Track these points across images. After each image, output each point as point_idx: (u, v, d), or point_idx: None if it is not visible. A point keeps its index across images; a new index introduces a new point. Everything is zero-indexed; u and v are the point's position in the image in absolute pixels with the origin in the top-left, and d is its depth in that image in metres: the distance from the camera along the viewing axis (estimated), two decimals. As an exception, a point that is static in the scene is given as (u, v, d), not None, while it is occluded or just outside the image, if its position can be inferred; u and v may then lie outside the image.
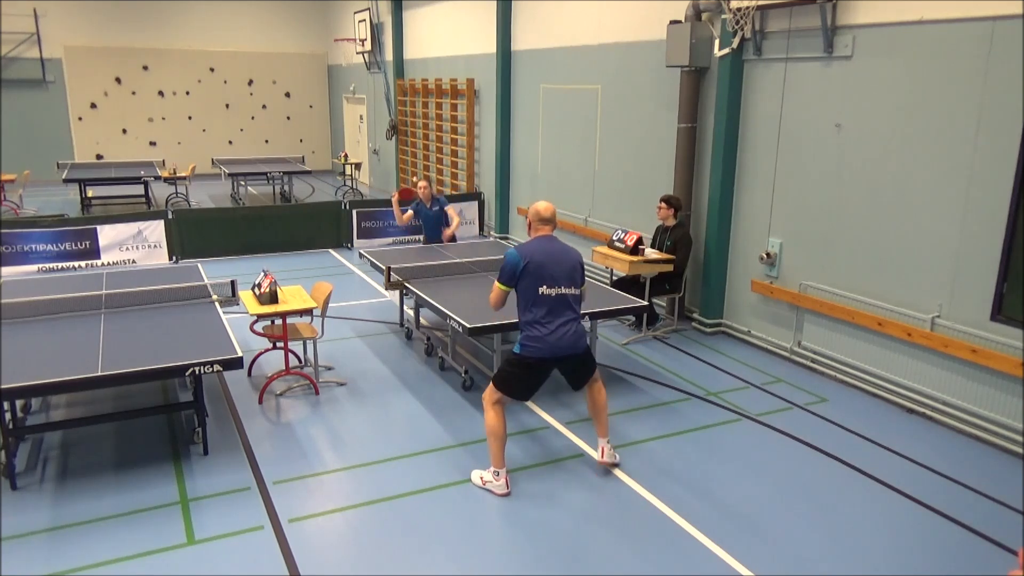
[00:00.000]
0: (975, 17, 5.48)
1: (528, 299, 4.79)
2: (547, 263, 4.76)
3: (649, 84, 8.86)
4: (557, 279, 4.78)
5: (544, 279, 4.75)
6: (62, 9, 18.66)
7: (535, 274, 4.74)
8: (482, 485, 4.97)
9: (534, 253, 4.78)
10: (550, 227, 4.95)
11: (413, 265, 7.48)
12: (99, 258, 10.72)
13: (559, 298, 4.79)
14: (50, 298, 6.06)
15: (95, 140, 19.63)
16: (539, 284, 4.75)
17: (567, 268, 4.82)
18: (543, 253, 4.80)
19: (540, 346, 4.78)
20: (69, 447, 5.50)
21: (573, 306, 4.86)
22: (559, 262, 4.81)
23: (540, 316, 4.77)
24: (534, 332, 4.79)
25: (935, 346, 5.93)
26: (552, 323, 4.77)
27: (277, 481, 5.04)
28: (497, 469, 4.92)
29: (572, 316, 4.85)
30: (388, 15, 16.62)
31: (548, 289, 4.76)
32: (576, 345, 4.86)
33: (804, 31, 6.84)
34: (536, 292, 4.75)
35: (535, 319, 4.79)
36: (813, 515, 4.71)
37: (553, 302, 4.78)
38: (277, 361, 6.93)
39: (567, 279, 4.82)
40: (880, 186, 6.33)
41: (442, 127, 14.73)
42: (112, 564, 4.16)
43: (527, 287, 4.77)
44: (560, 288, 4.79)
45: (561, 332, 4.78)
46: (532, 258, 4.75)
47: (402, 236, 12.64)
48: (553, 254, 4.82)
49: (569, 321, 4.82)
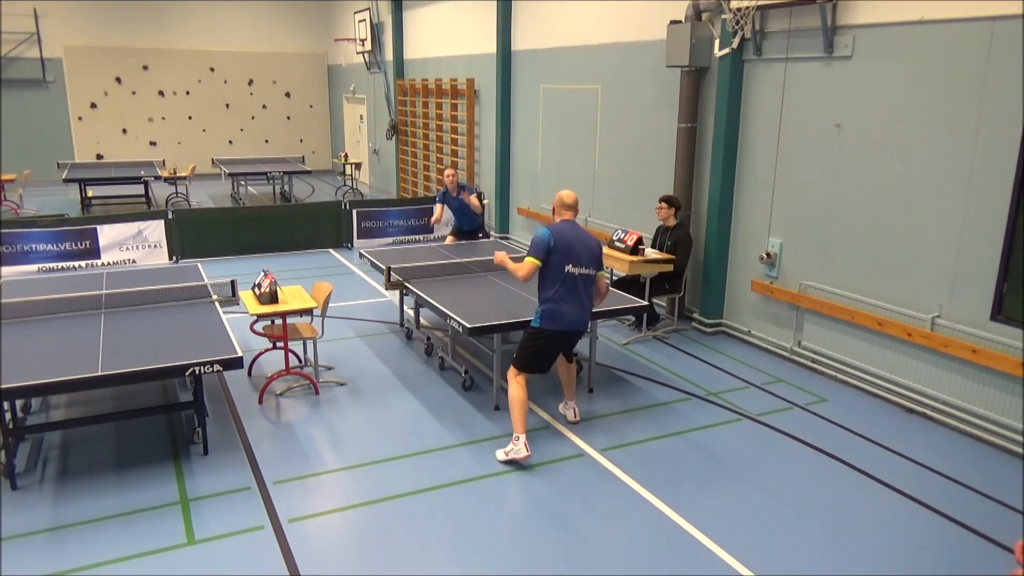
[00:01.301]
0: (975, 17, 5.48)
1: (554, 275, 5.22)
2: (574, 244, 5.20)
3: (649, 84, 8.85)
4: (581, 259, 5.23)
5: (571, 258, 5.19)
6: (62, 9, 18.67)
7: (563, 252, 5.18)
8: (505, 457, 5.27)
9: (563, 233, 5.23)
10: (572, 213, 5.38)
11: (413, 265, 7.48)
12: (99, 258, 10.72)
13: (581, 277, 5.25)
14: (50, 298, 6.06)
15: (95, 140, 19.64)
16: (566, 262, 5.19)
17: (589, 251, 5.28)
18: (571, 234, 5.24)
19: (559, 320, 5.25)
20: (69, 447, 5.50)
21: (588, 287, 5.33)
22: (583, 244, 5.25)
23: (562, 293, 5.22)
24: (555, 307, 5.24)
25: (935, 346, 5.93)
26: (571, 299, 5.24)
27: (277, 481, 5.04)
28: (518, 434, 5.24)
29: (586, 295, 5.33)
30: (388, 15, 16.63)
31: (573, 268, 5.21)
32: (583, 322, 5.39)
33: (804, 31, 6.84)
34: (562, 269, 5.19)
35: (557, 295, 5.23)
36: (813, 515, 4.71)
37: (575, 280, 5.23)
38: (277, 361, 6.93)
39: (589, 261, 5.28)
40: (880, 186, 6.33)
41: (442, 127, 14.73)
42: (112, 564, 4.16)
43: (555, 264, 5.19)
44: (583, 268, 5.24)
45: (577, 308, 5.28)
46: (561, 237, 5.20)
47: (402, 236, 12.64)
48: (578, 236, 5.27)
49: (585, 299, 5.32)
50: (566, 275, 5.21)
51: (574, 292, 5.25)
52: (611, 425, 5.93)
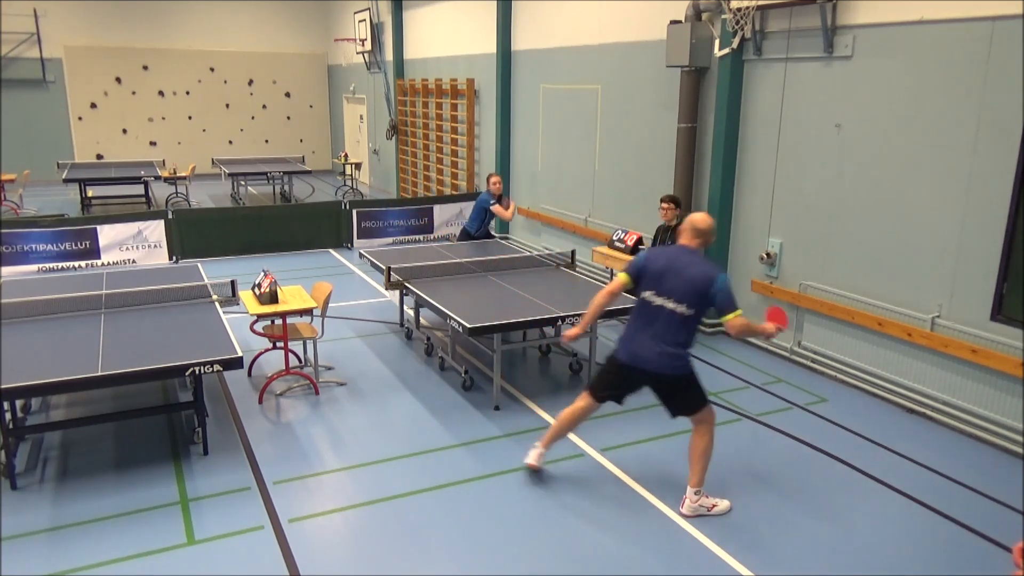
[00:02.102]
0: (975, 17, 5.48)
1: (637, 299, 4.69)
2: (664, 269, 4.52)
3: (649, 84, 8.85)
4: (666, 289, 4.49)
5: (652, 284, 4.55)
6: (62, 9, 18.67)
7: (648, 276, 4.59)
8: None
9: (659, 257, 4.62)
10: (697, 241, 4.61)
11: (413, 265, 7.47)
12: (99, 258, 10.72)
13: (658, 309, 4.51)
14: (50, 298, 6.06)
15: (95, 140, 19.63)
16: (646, 288, 4.59)
17: (684, 282, 4.44)
18: (669, 259, 4.58)
19: (623, 349, 4.67)
20: (69, 447, 5.50)
21: (670, 325, 4.49)
22: (682, 275, 4.46)
23: (635, 318, 4.64)
24: (625, 333, 4.70)
25: (935, 346, 5.93)
26: (642, 331, 4.57)
27: (277, 481, 5.04)
28: (540, 444, 5.07)
29: (666, 333, 4.49)
30: (388, 15, 16.62)
31: (653, 296, 4.54)
32: (654, 363, 4.52)
33: (804, 31, 6.84)
34: (641, 294, 4.63)
35: (632, 320, 4.69)
36: (813, 515, 4.71)
37: (652, 311, 4.54)
38: (277, 361, 6.93)
39: (679, 294, 4.45)
40: (880, 186, 6.33)
41: (442, 127, 14.73)
42: (112, 564, 4.16)
43: (641, 287, 4.64)
44: (664, 300, 4.49)
45: (644, 342, 4.55)
46: (655, 260, 4.60)
47: (402, 236, 12.64)
48: (680, 265, 4.50)
49: (657, 337, 4.51)
50: (642, 300, 4.59)
51: (649, 325, 4.53)
52: (611, 425, 5.93)
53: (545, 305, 6.32)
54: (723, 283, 4.43)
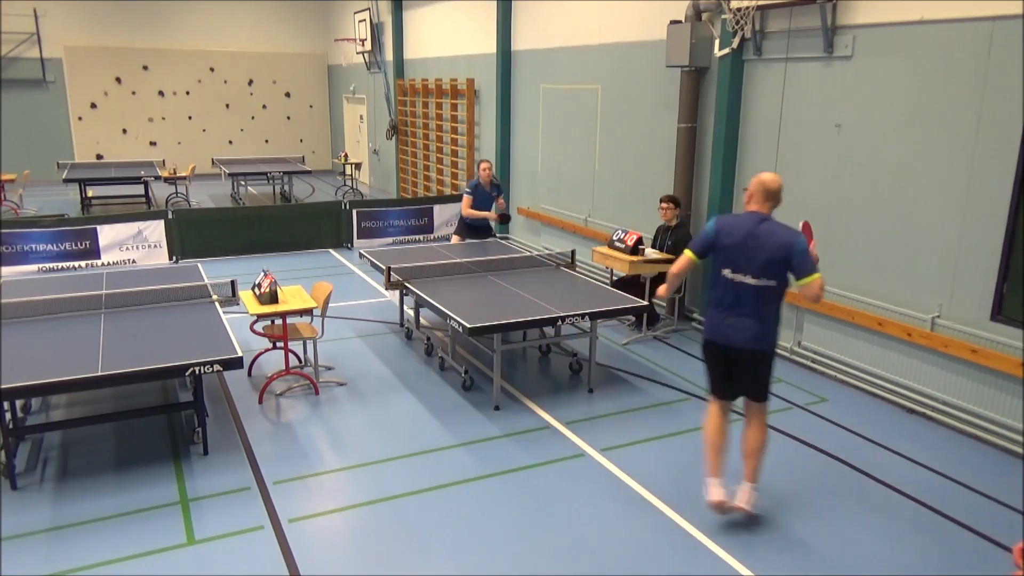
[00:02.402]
0: (975, 17, 5.48)
1: (712, 277, 4.41)
2: (740, 244, 4.22)
3: (649, 84, 8.85)
4: (743, 265, 4.22)
5: (728, 260, 4.27)
6: (62, 9, 18.67)
7: (722, 251, 4.28)
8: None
9: (730, 227, 4.28)
10: (769, 203, 4.29)
11: (413, 265, 7.47)
12: (99, 258, 10.72)
13: (740, 286, 4.25)
14: (50, 298, 6.06)
15: (95, 140, 19.63)
16: (723, 265, 4.29)
17: (763, 255, 4.18)
18: (740, 230, 4.24)
19: (712, 329, 4.44)
20: (69, 447, 5.50)
21: (756, 300, 4.25)
22: (756, 246, 4.19)
23: (717, 298, 4.39)
24: (710, 312, 4.45)
25: (935, 346, 5.93)
26: (729, 309, 4.33)
27: (277, 481, 5.04)
28: (708, 479, 4.54)
29: (750, 310, 4.26)
30: (388, 15, 16.62)
31: (731, 273, 4.27)
32: (745, 339, 4.30)
33: (804, 31, 6.84)
34: (718, 272, 4.33)
35: (713, 300, 4.42)
36: (813, 515, 4.71)
37: (733, 288, 4.28)
38: (277, 361, 6.93)
39: (759, 268, 4.19)
40: (880, 186, 6.33)
41: (442, 127, 14.72)
42: (112, 564, 4.16)
43: (714, 263, 4.36)
44: (744, 276, 4.23)
45: (731, 320, 4.33)
46: (726, 232, 4.28)
47: (402, 236, 12.64)
48: (753, 234, 4.21)
49: (744, 314, 4.28)
50: (720, 279, 4.32)
51: (735, 301, 4.30)
52: (611, 425, 5.93)
53: (545, 305, 6.33)
54: (802, 246, 4.18)
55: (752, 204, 4.35)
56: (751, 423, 4.55)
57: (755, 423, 4.53)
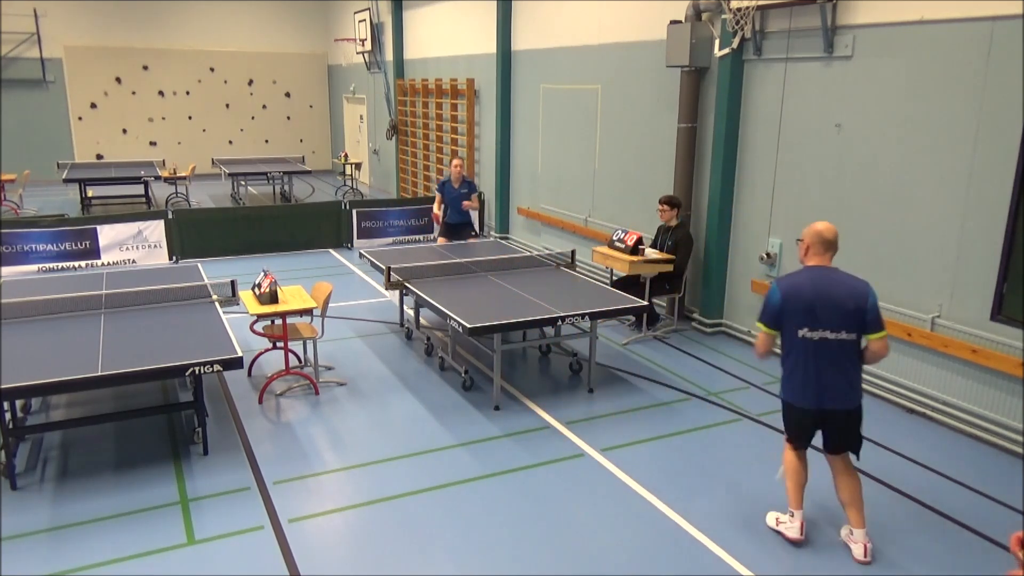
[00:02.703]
0: (975, 17, 5.48)
1: (786, 341, 4.19)
2: (812, 302, 4.05)
3: (649, 84, 8.85)
4: (821, 321, 4.05)
5: (803, 321, 4.08)
6: (62, 9, 18.67)
7: (795, 314, 4.09)
8: (775, 526, 4.52)
9: (797, 289, 4.10)
10: (829, 255, 4.16)
11: (413, 265, 7.47)
12: (99, 258, 10.73)
13: (821, 343, 4.07)
14: (50, 298, 6.06)
15: (95, 140, 19.63)
16: (798, 326, 4.09)
17: (838, 308, 4.02)
18: (807, 289, 4.07)
19: (801, 394, 4.20)
20: (69, 447, 5.50)
21: (840, 355, 4.09)
22: (830, 300, 4.03)
23: (802, 359, 4.14)
24: (791, 378, 4.23)
25: (935, 346, 5.93)
26: (810, 370, 4.12)
27: (277, 481, 5.04)
28: (792, 510, 4.42)
29: (836, 368, 4.10)
30: (388, 15, 16.62)
31: (809, 332, 4.08)
32: (838, 400, 4.15)
33: (804, 31, 6.84)
34: (795, 334, 4.12)
35: (791, 364, 4.19)
36: (813, 515, 4.71)
37: (815, 347, 4.08)
38: (277, 361, 6.93)
39: (837, 321, 4.04)
40: (880, 186, 6.33)
41: (442, 127, 14.73)
42: (112, 564, 4.16)
43: (787, 327, 4.15)
44: (824, 332, 4.05)
45: (824, 383, 4.12)
46: (794, 295, 4.09)
47: (402, 236, 12.64)
48: (824, 290, 4.05)
49: (836, 371, 4.10)
50: (803, 341, 4.09)
51: (818, 361, 4.09)
52: (611, 425, 5.93)
53: (545, 305, 6.33)
54: (874, 298, 4.07)
55: (812, 258, 4.18)
56: (845, 470, 4.36)
57: (848, 469, 4.36)
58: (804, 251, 4.22)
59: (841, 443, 4.30)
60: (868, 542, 4.29)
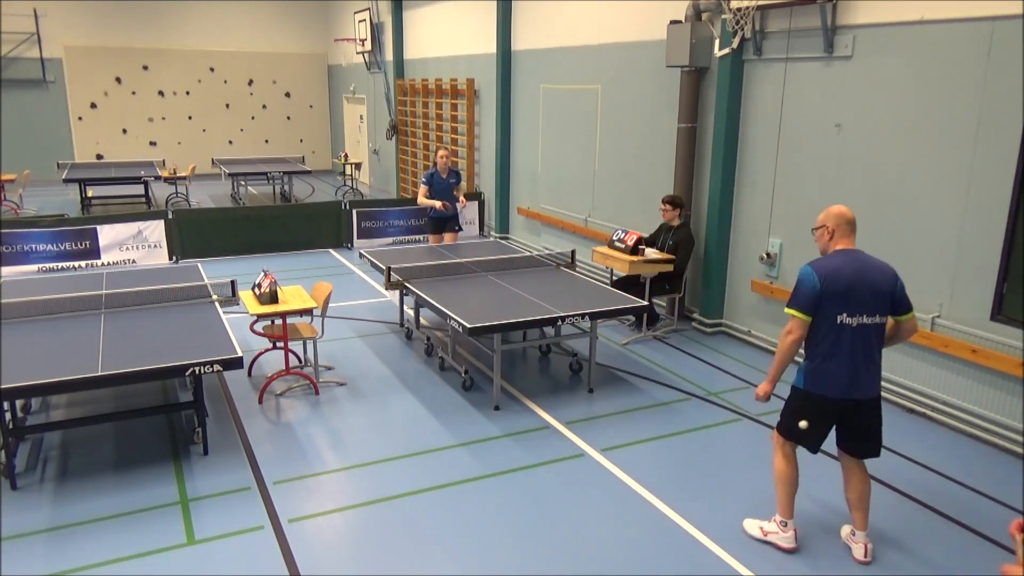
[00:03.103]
0: (975, 17, 5.48)
1: (824, 327, 4.00)
2: (851, 284, 3.93)
3: (649, 84, 8.85)
4: (862, 305, 3.95)
5: (843, 305, 3.94)
6: (62, 9, 18.66)
7: (835, 297, 3.94)
8: (762, 536, 4.39)
9: (837, 272, 3.95)
10: (854, 236, 4.08)
11: (413, 265, 7.47)
12: (99, 258, 10.72)
13: (860, 330, 3.97)
14: (50, 298, 6.06)
15: (95, 140, 19.63)
16: (836, 310, 3.95)
17: (874, 291, 3.95)
18: (848, 272, 3.95)
19: (826, 383, 4.04)
20: (69, 447, 5.50)
21: (876, 340, 4.03)
22: (867, 283, 3.94)
23: (832, 348, 4.00)
24: (822, 366, 4.04)
25: (935, 346, 5.93)
26: (844, 357, 3.99)
27: (277, 481, 5.04)
28: (784, 519, 4.33)
29: (871, 354, 4.02)
30: (388, 15, 16.62)
31: (849, 318, 3.95)
32: (870, 388, 4.06)
33: (804, 31, 6.84)
34: (833, 320, 3.96)
35: (825, 352, 4.02)
36: (813, 515, 4.71)
37: (852, 333, 3.97)
38: (277, 361, 6.93)
39: (875, 305, 3.96)
40: (880, 186, 6.33)
41: (442, 127, 14.72)
42: (112, 564, 4.16)
43: (825, 313, 3.98)
44: (865, 317, 3.96)
45: (859, 368, 4.01)
46: (831, 276, 3.95)
47: (402, 236, 12.64)
48: (860, 272, 3.96)
49: (869, 358, 4.02)
50: (835, 327, 3.96)
51: (856, 348, 3.98)
52: (611, 425, 5.93)
53: (545, 305, 6.33)
54: (900, 278, 4.07)
55: (840, 241, 4.07)
56: (859, 472, 4.27)
57: (863, 472, 4.29)
58: (829, 236, 4.10)
59: (862, 441, 4.20)
60: (868, 543, 4.30)
